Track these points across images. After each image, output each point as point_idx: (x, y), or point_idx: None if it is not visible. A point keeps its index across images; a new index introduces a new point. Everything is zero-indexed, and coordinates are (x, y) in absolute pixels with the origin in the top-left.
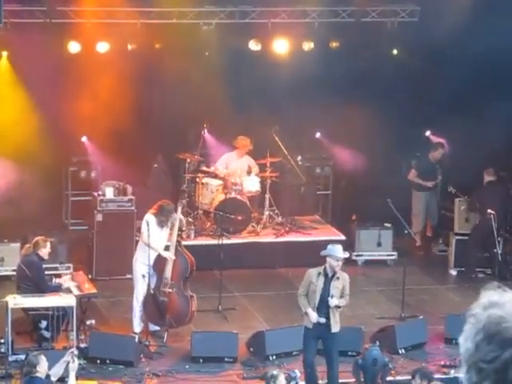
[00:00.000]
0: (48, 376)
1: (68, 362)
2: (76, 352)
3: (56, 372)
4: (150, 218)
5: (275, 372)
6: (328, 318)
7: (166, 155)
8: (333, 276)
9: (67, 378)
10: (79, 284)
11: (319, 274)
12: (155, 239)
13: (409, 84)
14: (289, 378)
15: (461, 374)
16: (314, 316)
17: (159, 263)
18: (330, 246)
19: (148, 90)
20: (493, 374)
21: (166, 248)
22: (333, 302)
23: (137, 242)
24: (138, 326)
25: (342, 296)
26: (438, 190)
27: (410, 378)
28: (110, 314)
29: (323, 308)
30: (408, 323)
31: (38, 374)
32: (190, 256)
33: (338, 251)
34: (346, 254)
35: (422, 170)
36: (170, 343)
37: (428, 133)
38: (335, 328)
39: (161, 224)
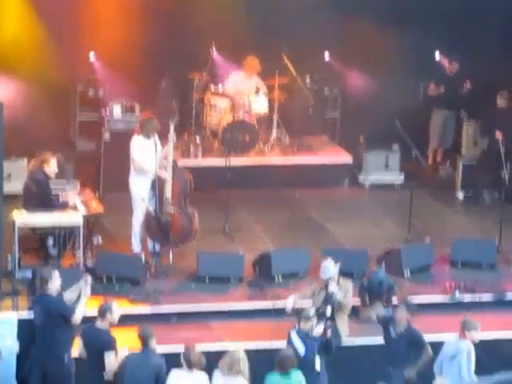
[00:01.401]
0: (60, 294)
1: (81, 289)
2: (90, 278)
3: (69, 297)
4: (135, 140)
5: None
6: None
7: (173, 74)
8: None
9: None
10: (86, 202)
11: (321, 288)
12: (147, 160)
13: (422, 6)
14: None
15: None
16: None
17: (158, 184)
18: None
19: (158, 7)
20: None
21: (162, 168)
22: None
23: None
24: (137, 247)
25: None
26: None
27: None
28: (116, 233)
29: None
30: (414, 246)
31: (49, 290)
32: (187, 173)
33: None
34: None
35: (441, 83)
36: (176, 263)
37: (437, 54)
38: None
39: (147, 140)
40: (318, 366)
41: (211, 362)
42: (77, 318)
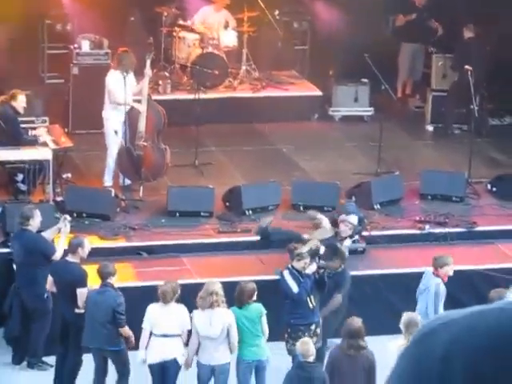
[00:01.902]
0: (39, 231)
1: (60, 228)
2: (69, 218)
3: (47, 237)
4: (111, 73)
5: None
6: None
7: (142, 8)
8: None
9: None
10: (55, 137)
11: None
12: (122, 93)
13: None
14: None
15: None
16: None
17: (131, 118)
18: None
19: None
20: None
21: (137, 102)
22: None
23: None
24: (109, 181)
25: None
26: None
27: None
28: (86, 168)
29: None
30: (384, 179)
31: (29, 227)
32: (161, 108)
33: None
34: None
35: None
36: (146, 197)
37: None
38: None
39: (123, 74)
40: (313, 302)
41: (182, 295)
42: (58, 255)
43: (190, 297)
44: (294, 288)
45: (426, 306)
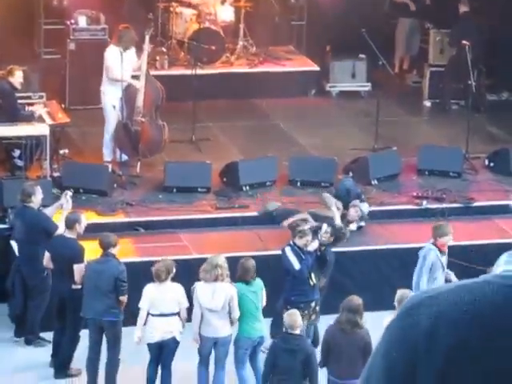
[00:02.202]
0: (40, 209)
1: (62, 204)
2: (70, 194)
3: (49, 213)
4: (110, 49)
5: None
6: None
7: None
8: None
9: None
10: (52, 113)
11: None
12: (120, 70)
13: None
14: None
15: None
16: None
17: (129, 93)
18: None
19: None
20: None
21: (135, 78)
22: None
23: None
24: (108, 156)
25: None
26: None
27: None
28: (83, 144)
29: None
30: (381, 154)
31: (31, 204)
32: (159, 84)
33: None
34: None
35: None
36: (143, 173)
37: None
38: None
39: (123, 51)
40: (314, 280)
41: (179, 271)
42: (60, 231)
43: (187, 273)
44: (296, 265)
45: (417, 275)
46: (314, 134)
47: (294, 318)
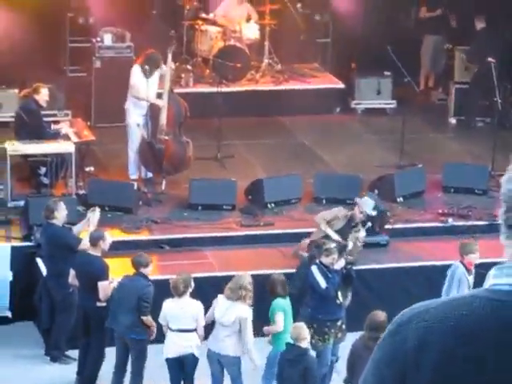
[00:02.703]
0: (66, 225)
1: (89, 219)
2: (98, 209)
3: (78, 230)
4: (136, 68)
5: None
6: None
7: (164, 1)
8: (355, 226)
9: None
10: (78, 131)
11: (346, 216)
12: (144, 89)
13: None
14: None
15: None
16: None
17: (153, 111)
18: (365, 197)
19: None
20: None
21: (159, 96)
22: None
23: None
24: (133, 173)
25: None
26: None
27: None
28: (108, 161)
29: None
30: (406, 171)
31: (54, 221)
32: (183, 101)
33: (369, 207)
34: (374, 213)
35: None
36: (168, 190)
37: None
38: None
39: (147, 73)
40: (340, 298)
41: (204, 289)
42: (86, 243)
43: (212, 290)
44: (322, 284)
45: (446, 293)
46: (338, 152)
47: (299, 330)
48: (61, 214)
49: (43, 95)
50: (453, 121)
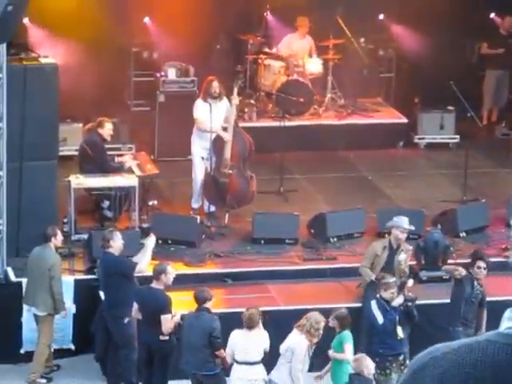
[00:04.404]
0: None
1: (147, 245)
2: (153, 236)
3: (137, 259)
4: (198, 102)
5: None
6: None
7: (228, 36)
8: (397, 249)
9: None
10: (141, 164)
11: (384, 247)
12: (209, 122)
13: None
14: None
15: None
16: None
17: (218, 145)
18: (395, 218)
19: None
20: None
21: (224, 129)
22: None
23: None
24: (195, 203)
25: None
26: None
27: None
28: (172, 195)
29: None
30: (470, 206)
31: (110, 250)
32: (248, 136)
33: (405, 222)
34: (412, 227)
35: (493, 43)
36: (232, 224)
37: (493, 15)
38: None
39: (212, 102)
40: (400, 334)
41: (266, 323)
42: (142, 268)
43: (275, 324)
44: (380, 319)
45: None
46: (401, 186)
47: (361, 361)
48: (117, 244)
49: (107, 129)
50: None
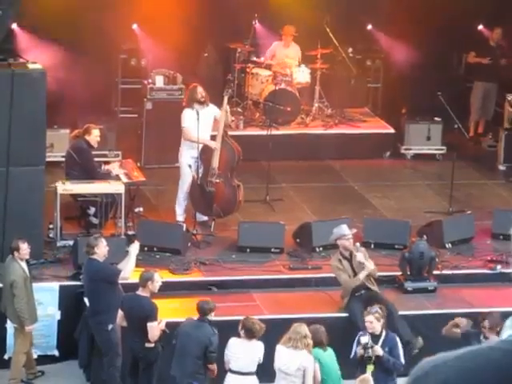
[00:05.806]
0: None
1: (130, 251)
2: (137, 243)
3: (121, 267)
4: (186, 111)
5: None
6: None
7: (216, 44)
8: (351, 255)
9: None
10: (128, 171)
11: (339, 260)
12: (196, 131)
13: None
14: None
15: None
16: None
17: (205, 154)
18: (335, 229)
19: None
20: None
21: (213, 138)
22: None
23: None
24: (180, 216)
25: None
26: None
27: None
28: (158, 202)
29: None
30: (455, 218)
31: (95, 256)
32: (236, 145)
33: (345, 229)
34: (353, 230)
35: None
36: (217, 233)
37: (480, 26)
38: None
39: (199, 110)
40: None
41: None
42: (126, 274)
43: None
44: (353, 352)
45: None
46: (388, 196)
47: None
48: (101, 250)
49: (94, 136)
50: (502, 168)
